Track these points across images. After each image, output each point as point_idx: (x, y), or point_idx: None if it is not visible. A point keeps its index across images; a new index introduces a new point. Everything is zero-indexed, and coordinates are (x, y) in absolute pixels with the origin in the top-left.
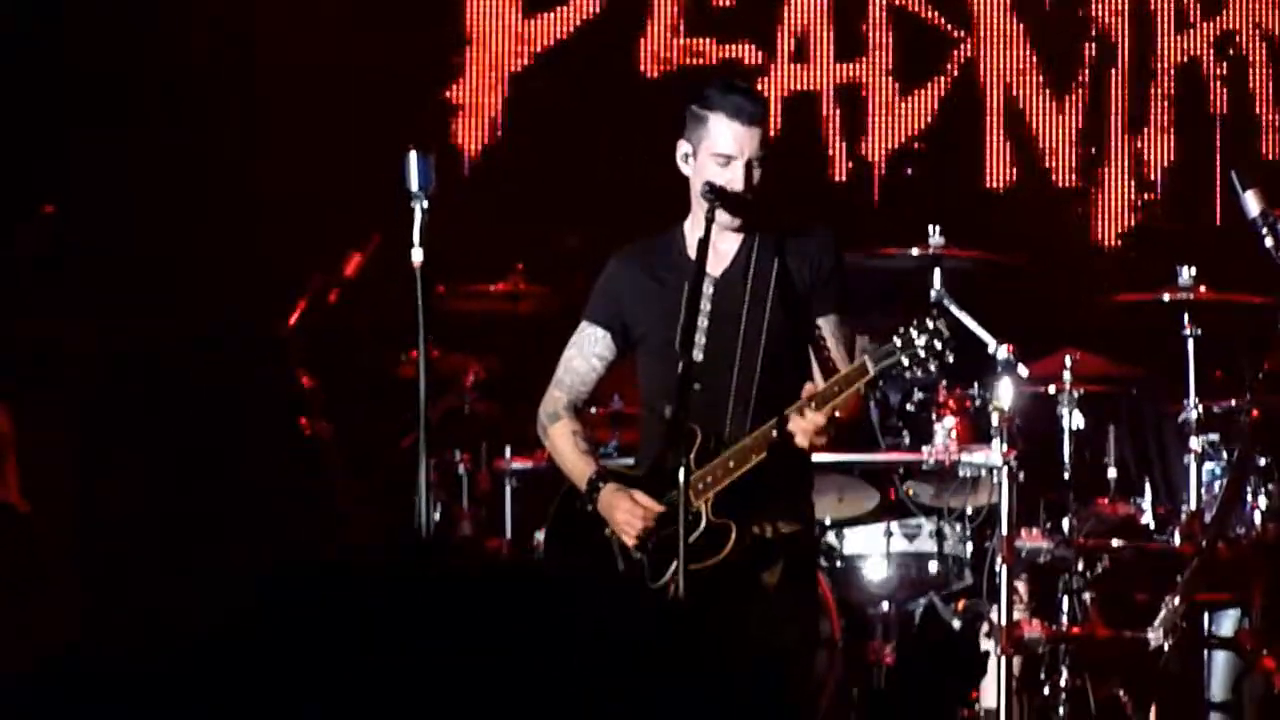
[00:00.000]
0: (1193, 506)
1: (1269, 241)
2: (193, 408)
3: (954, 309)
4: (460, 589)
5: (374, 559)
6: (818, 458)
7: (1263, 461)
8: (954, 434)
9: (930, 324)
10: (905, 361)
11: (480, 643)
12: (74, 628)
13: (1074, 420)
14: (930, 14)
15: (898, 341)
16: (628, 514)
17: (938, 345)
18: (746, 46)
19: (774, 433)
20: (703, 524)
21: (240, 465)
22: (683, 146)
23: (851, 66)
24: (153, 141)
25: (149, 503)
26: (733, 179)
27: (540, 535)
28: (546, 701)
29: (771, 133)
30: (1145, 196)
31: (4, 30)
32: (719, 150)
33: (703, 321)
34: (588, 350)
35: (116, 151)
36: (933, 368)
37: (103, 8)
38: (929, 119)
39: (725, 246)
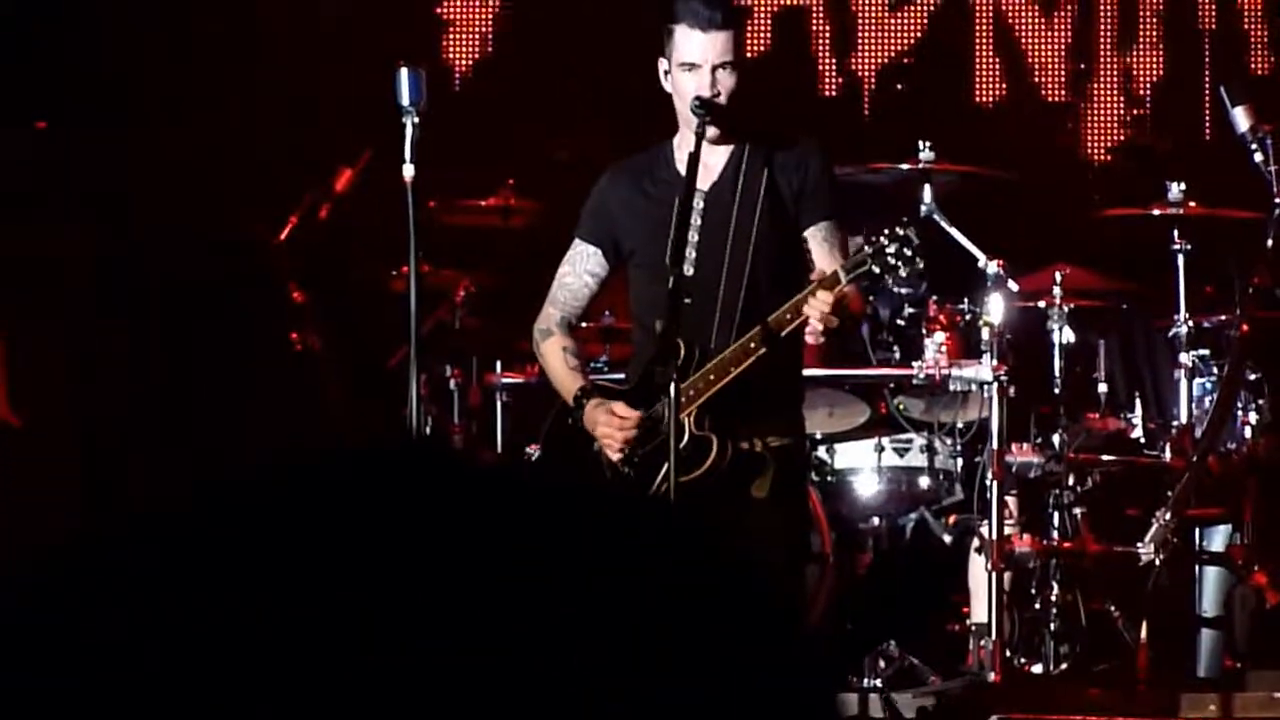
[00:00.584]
0: (1183, 421)
1: (1258, 157)
2: (184, 318)
3: (944, 224)
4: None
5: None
6: (807, 372)
7: (1253, 376)
8: (944, 349)
9: (900, 231)
10: (876, 269)
11: (473, 541)
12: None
13: (1064, 335)
14: None
15: (868, 250)
16: (608, 426)
17: (907, 252)
18: None
19: (753, 343)
20: (685, 436)
21: (232, 377)
22: (662, 64)
23: None
24: (142, 53)
25: (142, 413)
26: (700, 86)
27: (532, 450)
28: (539, 597)
29: (748, 40)
30: (1134, 112)
31: None
32: (684, 59)
33: (693, 236)
34: (580, 267)
35: (104, 62)
36: (904, 273)
37: None
38: (918, 34)
39: (713, 160)
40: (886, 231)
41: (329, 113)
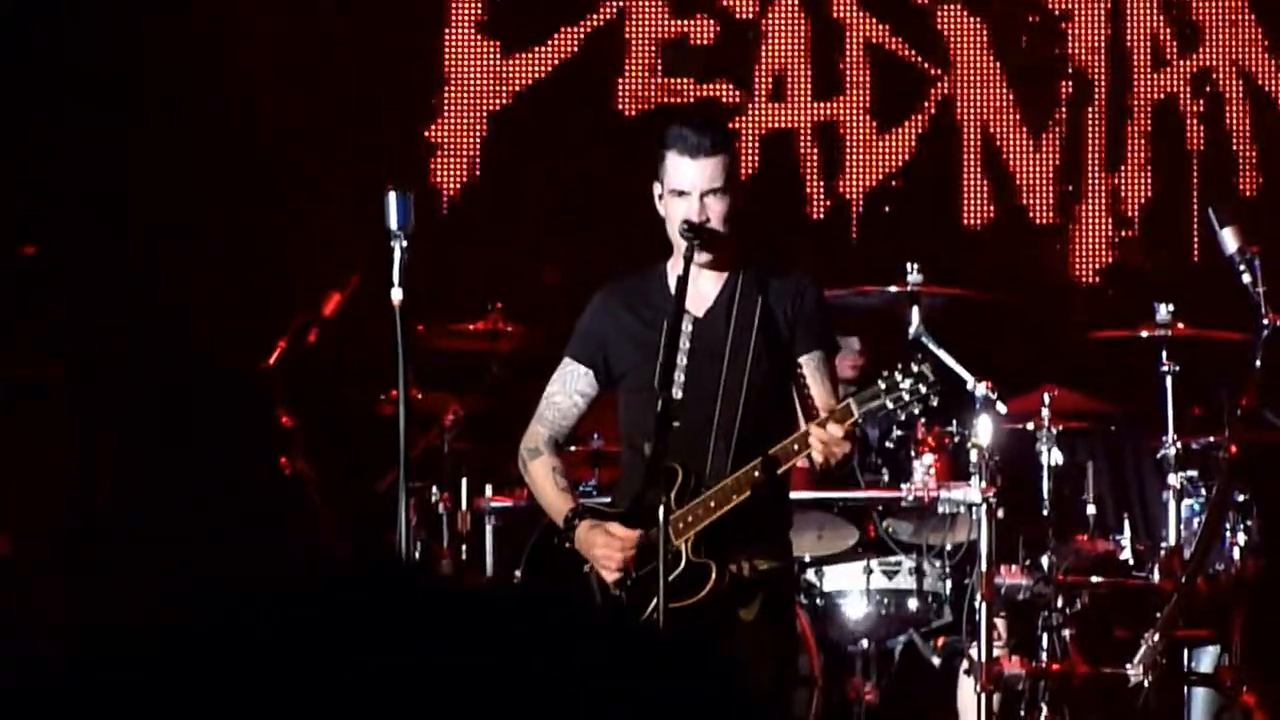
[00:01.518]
0: (1172, 542)
1: (1246, 278)
2: (174, 446)
3: (932, 346)
4: (441, 607)
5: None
6: (796, 495)
7: (1241, 497)
8: (933, 471)
9: (915, 367)
10: (889, 405)
11: (458, 662)
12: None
13: (1053, 457)
14: (907, 52)
15: (882, 385)
16: (605, 547)
17: (922, 389)
18: (724, 85)
19: (757, 473)
20: (683, 563)
21: (222, 503)
22: (656, 187)
23: (829, 105)
24: (133, 175)
25: (129, 538)
26: (689, 211)
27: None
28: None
29: (741, 167)
30: (1123, 233)
31: None
32: (673, 186)
33: (682, 359)
34: (570, 386)
35: (96, 182)
36: (915, 411)
37: (63, 31)
38: (906, 156)
39: (707, 287)
40: (900, 366)
41: (317, 236)
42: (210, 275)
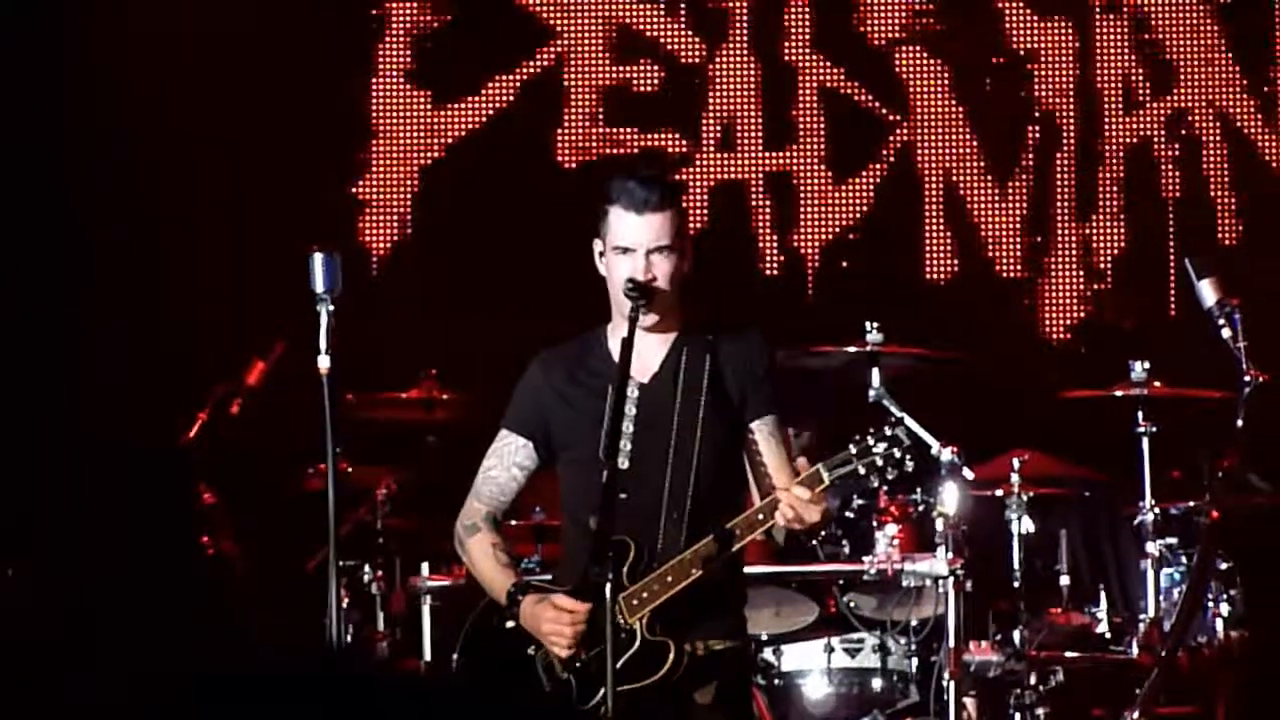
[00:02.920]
0: (1151, 614)
1: (1226, 333)
2: (91, 527)
3: (894, 409)
4: (374, 701)
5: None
6: (752, 569)
7: (1224, 566)
8: (896, 542)
9: (888, 430)
10: (862, 470)
11: None
12: None
13: (1024, 525)
14: (864, 97)
15: (853, 449)
16: (554, 622)
17: (896, 453)
18: (670, 135)
19: (716, 545)
20: (637, 642)
21: (140, 587)
22: (596, 245)
23: (782, 154)
24: (42, 242)
25: (43, 623)
26: (634, 269)
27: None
28: None
29: (690, 221)
30: (1095, 287)
31: None
32: (618, 243)
33: (628, 427)
34: (508, 460)
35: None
36: (890, 477)
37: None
38: (864, 208)
39: (651, 350)
40: (873, 431)
41: (239, 300)
42: (125, 342)
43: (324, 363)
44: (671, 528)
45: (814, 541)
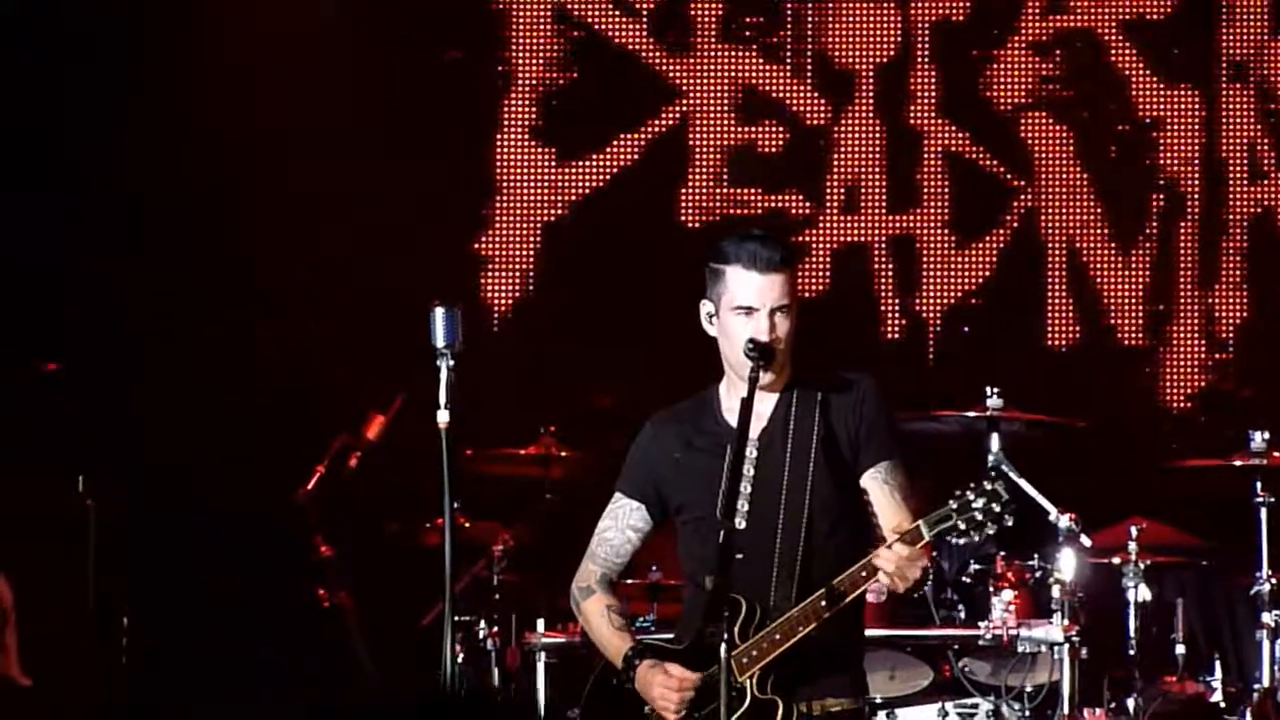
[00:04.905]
0: (1266, 684)
1: None
2: (210, 579)
3: (1013, 474)
4: None
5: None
6: (868, 632)
7: None
8: (1012, 607)
9: (988, 486)
10: (962, 525)
11: None
12: None
13: (1140, 593)
14: (988, 162)
15: (953, 504)
16: (664, 688)
17: (996, 508)
18: (794, 196)
19: (823, 602)
20: (748, 700)
21: (259, 639)
22: (705, 306)
23: (905, 217)
24: (170, 290)
25: (163, 678)
26: (756, 330)
27: (573, 715)
28: None
29: (812, 283)
30: (1216, 356)
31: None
32: (739, 303)
33: (745, 488)
34: (622, 522)
35: (124, 295)
36: (990, 531)
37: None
38: (987, 272)
39: (762, 407)
40: (973, 485)
41: (360, 355)
42: (248, 396)
43: (443, 418)
44: (782, 585)
45: (916, 594)
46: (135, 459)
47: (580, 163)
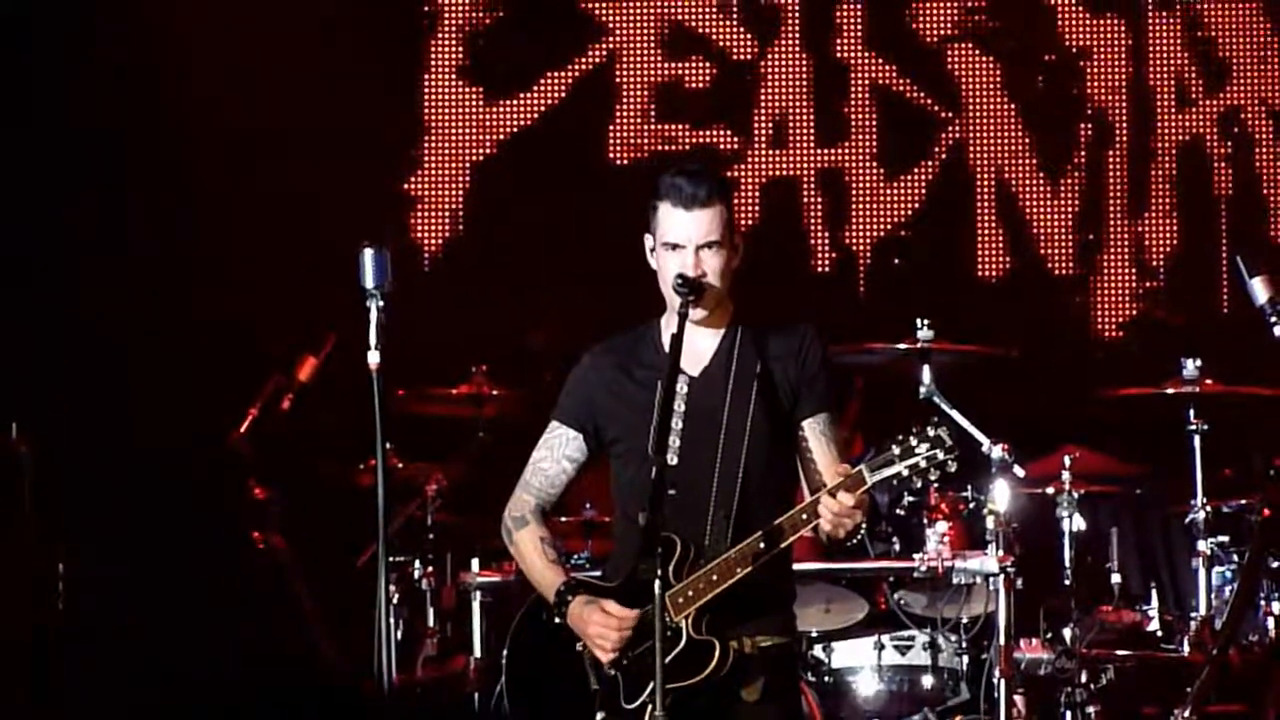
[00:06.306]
0: (1202, 613)
1: (1278, 330)
2: (142, 521)
3: (945, 406)
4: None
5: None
6: (801, 566)
7: (1275, 564)
8: (947, 540)
9: (931, 431)
10: (905, 471)
11: None
12: None
13: (1074, 523)
14: (916, 95)
15: (896, 450)
16: (601, 626)
17: (939, 454)
18: (722, 132)
19: (761, 544)
20: (683, 640)
21: (190, 583)
22: (648, 240)
23: (833, 151)
24: (102, 234)
25: (96, 623)
26: (683, 265)
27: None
28: None
29: (742, 218)
30: (1147, 284)
31: None
32: (667, 239)
33: (677, 423)
34: (558, 451)
35: (57, 238)
36: (933, 477)
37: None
38: (916, 205)
39: (703, 344)
40: (915, 429)
41: (290, 297)
42: (176, 341)
43: (374, 358)
44: (718, 525)
45: (852, 541)
46: (67, 404)
47: (508, 102)
